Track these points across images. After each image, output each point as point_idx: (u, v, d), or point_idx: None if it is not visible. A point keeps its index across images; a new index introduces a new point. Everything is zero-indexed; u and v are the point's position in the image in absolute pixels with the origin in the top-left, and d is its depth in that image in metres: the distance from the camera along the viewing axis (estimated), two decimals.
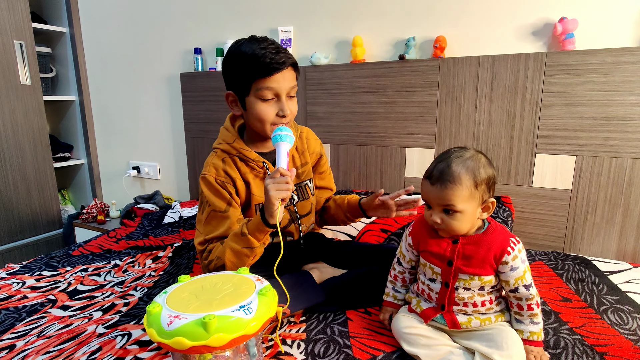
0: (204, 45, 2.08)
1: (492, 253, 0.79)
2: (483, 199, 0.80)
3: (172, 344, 0.56)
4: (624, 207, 1.36)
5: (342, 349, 0.87)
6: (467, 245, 0.82)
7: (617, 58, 1.29)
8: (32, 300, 1.13)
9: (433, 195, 0.81)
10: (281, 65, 0.94)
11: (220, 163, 1.03)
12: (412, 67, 1.58)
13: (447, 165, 0.80)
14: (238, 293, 0.65)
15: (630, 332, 0.93)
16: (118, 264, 1.38)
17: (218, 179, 1.02)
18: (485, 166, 0.80)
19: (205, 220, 1.02)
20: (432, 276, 0.86)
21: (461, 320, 0.83)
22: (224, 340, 0.56)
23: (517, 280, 0.80)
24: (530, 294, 0.80)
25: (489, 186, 0.80)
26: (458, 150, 0.82)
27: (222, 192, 1.01)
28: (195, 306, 0.60)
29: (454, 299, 0.83)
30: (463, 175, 0.78)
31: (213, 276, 0.72)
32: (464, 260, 0.81)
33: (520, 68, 1.42)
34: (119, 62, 2.37)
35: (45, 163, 2.30)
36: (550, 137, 1.42)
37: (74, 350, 0.89)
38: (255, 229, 0.92)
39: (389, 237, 1.38)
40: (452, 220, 0.80)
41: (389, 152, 1.69)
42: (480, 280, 0.81)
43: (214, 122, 2.07)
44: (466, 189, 0.78)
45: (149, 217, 1.89)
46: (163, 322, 0.57)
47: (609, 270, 1.25)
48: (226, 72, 1.02)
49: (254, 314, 0.60)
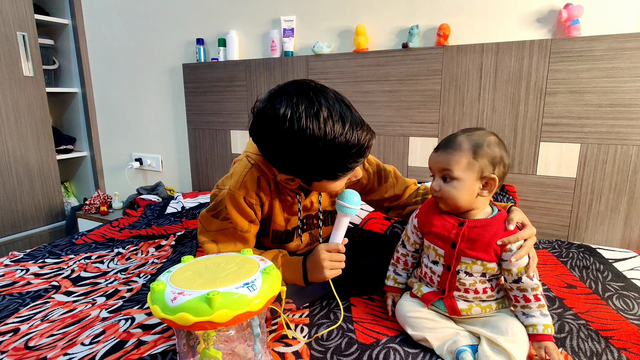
0: (207, 35, 2.07)
1: (497, 238, 0.79)
2: (483, 172, 0.79)
3: (176, 320, 0.56)
4: (629, 195, 1.35)
5: (346, 333, 0.87)
6: (473, 228, 0.81)
7: (623, 44, 1.27)
8: (36, 286, 1.14)
9: (434, 161, 0.83)
10: (364, 156, 0.81)
11: (254, 184, 0.89)
12: (416, 55, 1.57)
13: (454, 135, 0.83)
14: (242, 271, 0.65)
15: (635, 317, 0.92)
16: (121, 252, 1.38)
17: (248, 200, 0.89)
18: (493, 144, 0.79)
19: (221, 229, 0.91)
20: (435, 258, 0.86)
21: (461, 307, 0.82)
22: (227, 316, 0.56)
23: (520, 270, 0.78)
24: (534, 284, 0.78)
25: (492, 163, 0.79)
26: (470, 128, 0.84)
27: (247, 212, 0.90)
28: (199, 283, 0.60)
29: (455, 284, 0.83)
30: (464, 144, 0.79)
31: (216, 256, 0.72)
32: (468, 243, 0.81)
33: (524, 55, 1.40)
34: (122, 53, 2.37)
35: (48, 155, 2.31)
36: (554, 124, 1.41)
37: (78, 333, 0.89)
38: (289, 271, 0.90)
39: (392, 225, 1.37)
40: (449, 187, 0.80)
41: (391, 141, 1.69)
42: (483, 266, 0.80)
43: (216, 113, 2.07)
44: (464, 156, 0.79)
45: (151, 207, 1.89)
46: (167, 299, 0.57)
47: (613, 258, 1.24)
48: (282, 157, 0.79)
49: (257, 291, 0.60)
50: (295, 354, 0.80)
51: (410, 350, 0.80)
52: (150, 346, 0.82)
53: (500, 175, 0.81)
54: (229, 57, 1.99)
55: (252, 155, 0.91)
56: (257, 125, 0.79)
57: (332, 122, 0.74)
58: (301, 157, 0.77)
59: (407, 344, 0.82)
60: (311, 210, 1.01)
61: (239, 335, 0.69)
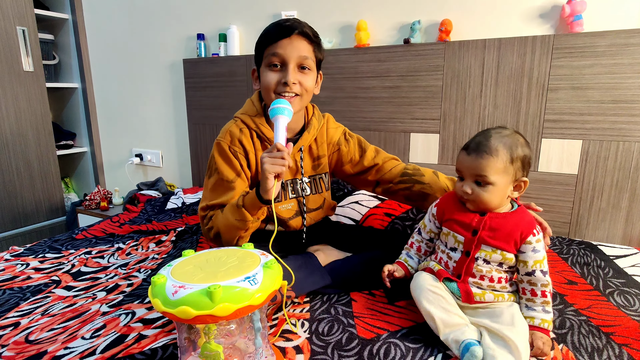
0: (207, 31, 2.06)
1: (519, 230, 0.80)
2: (516, 176, 0.81)
3: (177, 313, 0.55)
4: (631, 191, 1.34)
5: (346, 327, 0.87)
6: (494, 218, 0.82)
7: (626, 40, 1.26)
8: (36, 280, 1.14)
9: (467, 164, 0.82)
10: (288, 31, 0.94)
11: (237, 132, 1.02)
12: (417, 51, 1.56)
13: (485, 137, 0.81)
14: (243, 266, 0.64)
15: (636, 313, 0.92)
16: (121, 247, 1.38)
17: (232, 148, 1.01)
18: (523, 145, 0.81)
19: (212, 186, 1.01)
20: (454, 245, 0.86)
21: (475, 292, 0.83)
22: (228, 310, 0.56)
23: (536, 263, 0.80)
24: (545, 280, 0.80)
25: (523, 165, 0.81)
26: (497, 128, 0.83)
27: (233, 162, 1.00)
28: (200, 277, 0.60)
29: (471, 269, 0.83)
30: (500, 148, 0.79)
31: (218, 250, 0.72)
32: (489, 232, 0.82)
33: (527, 51, 1.40)
34: (122, 49, 2.36)
35: (49, 150, 2.30)
36: (556, 121, 1.40)
37: (78, 327, 0.89)
38: (250, 203, 0.91)
39: (393, 221, 1.37)
40: (482, 191, 0.80)
41: (392, 137, 1.68)
42: (502, 255, 0.81)
43: (217, 108, 2.06)
44: (501, 161, 0.79)
45: (151, 202, 1.89)
46: (168, 292, 0.57)
47: (614, 255, 1.24)
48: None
49: (258, 285, 0.60)
50: (296, 349, 0.80)
51: (411, 345, 0.80)
52: (150, 340, 0.82)
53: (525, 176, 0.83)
54: (229, 53, 1.98)
55: (237, 114, 1.06)
56: None
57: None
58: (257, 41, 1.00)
59: (408, 339, 0.82)
60: (297, 175, 1.07)
61: (240, 330, 0.69)
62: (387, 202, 1.44)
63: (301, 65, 0.97)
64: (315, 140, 1.11)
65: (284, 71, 0.96)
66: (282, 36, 0.94)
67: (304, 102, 1.02)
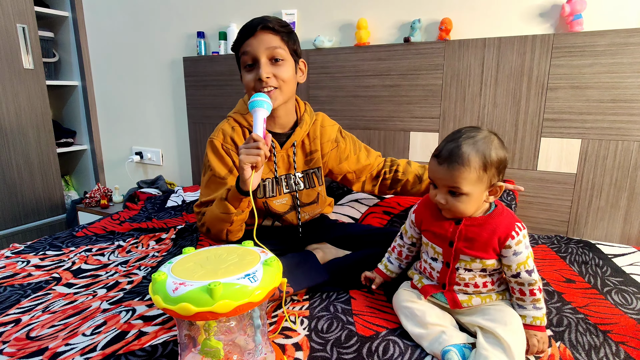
0: (207, 29, 2.06)
1: (496, 237, 0.77)
2: (491, 182, 0.77)
3: (178, 310, 0.56)
4: (630, 190, 1.35)
5: (345, 325, 0.87)
6: (470, 227, 0.80)
7: (626, 39, 1.27)
8: (37, 278, 1.14)
9: (439, 175, 0.78)
10: (252, 28, 0.97)
11: (229, 130, 1.05)
12: (417, 49, 1.56)
13: (456, 145, 0.75)
14: (243, 263, 0.65)
15: (634, 311, 0.93)
16: (122, 244, 1.39)
17: (224, 145, 1.04)
18: (497, 148, 0.76)
19: (206, 184, 1.04)
20: (434, 255, 0.85)
21: (462, 298, 0.82)
22: (229, 306, 0.57)
23: (519, 266, 0.78)
24: (532, 279, 0.78)
25: (498, 169, 0.77)
26: (470, 130, 0.78)
27: (225, 159, 1.03)
28: (201, 274, 0.61)
29: (454, 279, 0.83)
30: (472, 157, 0.74)
31: (218, 248, 0.73)
32: (465, 242, 0.80)
33: (526, 50, 1.40)
34: (122, 46, 2.36)
35: (49, 148, 2.31)
36: (555, 120, 1.40)
37: (79, 324, 0.90)
38: (232, 195, 0.92)
39: (392, 220, 1.37)
40: (457, 202, 0.78)
41: (392, 135, 1.68)
42: (482, 263, 0.80)
43: (216, 107, 2.06)
44: (474, 171, 0.74)
45: (152, 200, 1.89)
46: (168, 289, 0.58)
47: (612, 254, 1.24)
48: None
49: (258, 283, 0.61)
50: (295, 346, 0.80)
51: (409, 343, 0.80)
52: (151, 337, 0.83)
53: (502, 178, 0.80)
54: (229, 51, 1.98)
55: (230, 114, 1.09)
56: None
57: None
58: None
59: (407, 337, 0.82)
60: (290, 170, 1.09)
61: (240, 327, 0.69)
62: (386, 200, 1.44)
63: (273, 58, 0.99)
64: (308, 136, 1.13)
65: (258, 68, 0.98)
66: (248, 35, 0.97)
67: (285, 93, 1.02)
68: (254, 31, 0.97)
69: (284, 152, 1.09)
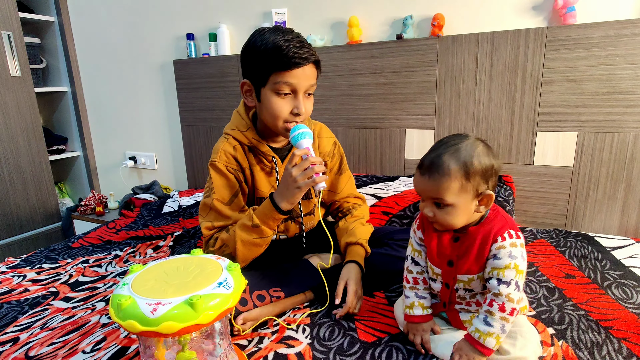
0: (197, 30, 2.03)
1: (487, 246, 0.72)
2: (478, 191, 0.72)
3: (161, 330, 0.56)
4: (626, 182, 1.35)
5: (347, 332, 0.87)
6: (465, 242, 0.75)
7: (620, 31, 1.26)
8: (34, 293, 1.13)
9: (422, 187, 0.75)
10: (303, 61, 0.89)
11: (231, 150, 1.01)
12: (410, 46, 1.55)
13: (437, 155, 0.72)
14: (207, 273, 0.67)
15: (635, 306, 0.93)
16: (119, 254, 1.37)
17: (229, 167, 0.99)
18: (481, 155, 0.71)
19: (213, 207, 0.99)
20: (433, 276, 0.82)
21: (464, 318, 0.80)
22: (212, 316, 0.59)
23: (493, 270, 0.71)
24: (498, 291, 0.69)
25: (485, 177, 0.72)
26: (454, 138, 0.74)
27: (231, 181, 0.99)
28: (172, 291, 0.61)
29: (455, 299, 0.80)
30: (452, 167, 0.70)
31: (169, 261, 0.73)
32: (462, 260, 0.76)
33: (520, 44, 1.39)
34: (110, 50, 2.32)
35: (40, 156, 2.27)
36: (551, 114, 1.40)
37: (79, 341, 0.89)
38: (267, 217, 0.92)
39: (390, 220, 1.37)
40: (444, 214, 0.73)
41: (388, 134, 1.67)
42: (480, 279, 0.75)
43: (209, 109, 2.04)
44: (456, 181, 0.70)
45: (147, 207, 1.88)
46: (145, 311, 0.57)
47: (611, 246, 1.25)
48: (244, 60, 0.96)
49: (232, 289, 0.64)
50: (297, 355, 0.80)
51: (412, 349, 0.80)
52: None
53: (493, 187, 0.74)
54: (220, 52, 1.95)
55: (227, 131, 1.03)
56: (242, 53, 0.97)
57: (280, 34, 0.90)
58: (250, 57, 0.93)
59: (410, 342, 0.82)
60: None
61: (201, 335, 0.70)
62: (384, 200, 1.44)
63: (307, 92, 0.96)
64: None
65: (295, 99, 0.93)
66: (296, 66, 0.89)
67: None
68: (303, 65, 0.90)
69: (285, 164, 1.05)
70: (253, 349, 0.83)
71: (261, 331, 0.89)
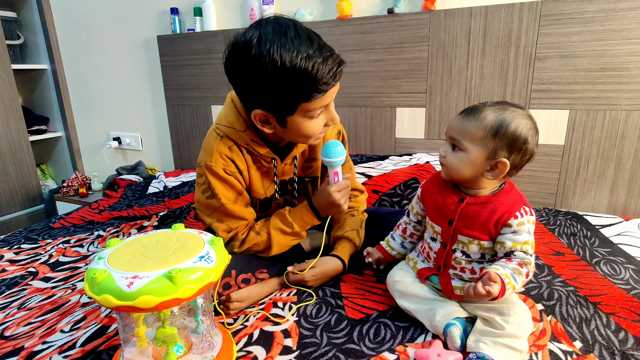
0: (181, 4, 1.95)
1: (496, 216, 0.72)
2: (496, 153, 0.71)
3: (138, 304, 0.54)
4: (616, 160, 1.34)
5: (335, 309, 0.85)
6: (472, 205, 0.75)
7: (615, 4, 1.23)
8: (12, 273, 1.09)
9: (452, 124, 0.76)
10: (334, 79, 0.78)
11: (227, 151, 0.90)
12: (402, 21, 1.50)
13: (485, 105, 0.74)
14: (189, 247, 0.64)
15: (623, 281, 0.93)
16: (102, 234, 1.34)
17: (227, 170, 0.90)
18: (521, 126, 0.70)
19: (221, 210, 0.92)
20: (433, 235, 0.82)
21: (455, 284, 0.79)
22: (192, 290, 0.57)
23: (515, 245, 0.72)
24: (527, 258, 0.71)
25: (510, 147, 0.71)
26: (512, 105, 0.73)
27: (232, 183, 0.91)
28: (151, 264, 0.59)
29: (450, 262, 0.79)
30: (489, 117, 0.71)
31: (148, 235, 0.70)
32: (464, 221, 0.76)
33: (514, 19, 1.35)
34: (91, 25, 2.23)
35: (20, 136, 2.20)
36: (544, 91, 1.38)
37: (57, 320, 0.86)
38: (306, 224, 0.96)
39: (380, 198, 1.35)
40: (453, 157, 0.74)
41: (378, 112, 1.64)
42: (480, 246, 0.75)
43: (195, 87, 1.98)
44: (482, 129, 0.71)
45: (132, 187, 1.83)
46: (121, 285, 0.55)
47: (600, 224, 1.25)
48: (249, 84, 0.78)
49: (215, 263, 0.61)
50: (284, 333, 0.78)
51: (401, 325, 0.79)
52: None
53: (515, 163, 0.73)
54: (205, 28, 1.88)
55: (220, 127, 0.91)
56: (231, 58, 0.77)
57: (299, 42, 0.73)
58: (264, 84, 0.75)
59: (398, 319, 0.81)
60: (285, 175, 1.01)
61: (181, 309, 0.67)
62: (374, 179, 1.41)
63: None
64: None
65: (326, 111, 0.85)
66: (330, 87, 0.78)
67: None
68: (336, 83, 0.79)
69: (284, 166, 0.98)
70: (239, 327, 0.81)
71: (247, 310, 0.87)
